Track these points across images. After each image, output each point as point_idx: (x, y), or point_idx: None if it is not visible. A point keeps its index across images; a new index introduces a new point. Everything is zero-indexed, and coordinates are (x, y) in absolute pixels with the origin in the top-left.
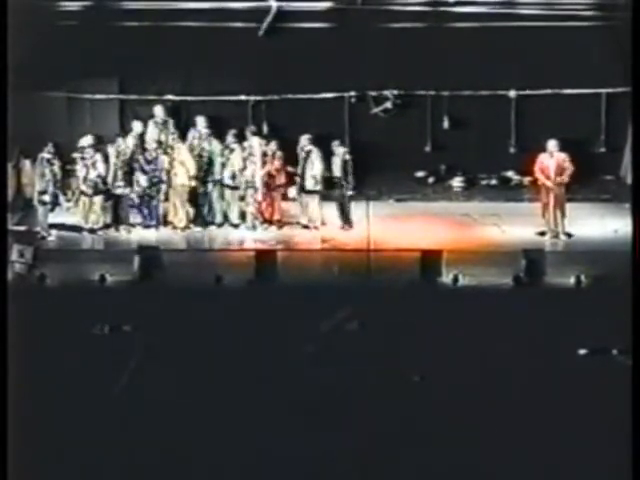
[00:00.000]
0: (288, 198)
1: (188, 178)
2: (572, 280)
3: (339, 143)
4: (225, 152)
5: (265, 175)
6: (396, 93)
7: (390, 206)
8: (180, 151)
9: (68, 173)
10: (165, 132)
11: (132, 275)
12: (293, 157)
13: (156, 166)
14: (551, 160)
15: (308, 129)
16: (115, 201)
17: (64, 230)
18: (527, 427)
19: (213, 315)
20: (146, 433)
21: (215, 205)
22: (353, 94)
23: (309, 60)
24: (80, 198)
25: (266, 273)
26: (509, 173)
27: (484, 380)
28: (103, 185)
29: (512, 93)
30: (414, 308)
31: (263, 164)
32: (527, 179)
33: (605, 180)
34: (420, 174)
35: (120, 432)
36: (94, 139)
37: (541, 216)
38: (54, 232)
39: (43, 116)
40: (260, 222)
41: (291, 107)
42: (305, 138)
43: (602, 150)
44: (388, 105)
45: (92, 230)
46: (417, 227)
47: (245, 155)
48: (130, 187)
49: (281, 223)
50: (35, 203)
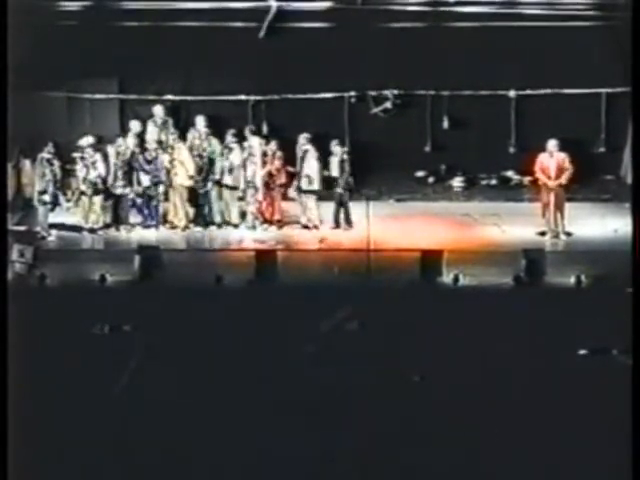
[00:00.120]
0: (288, 198)
1: (188, 178)
2: (572, 280)
3: (337, 142)
4: (225, 152)
5: (265, 175)
6: (396, 93)
7: (390, 206)
8: (180, 151)
9: (68, 173)
10: (165, 132)
11: (132, 275)
12: (293, 157)
13: (156, 166)
14: (551, 160)
15: (308, 129)
16: (115, 201)
17: (64, 230)
18: (527, 427)
19: (213, 315)
20: (146, 433)
21: (214, 205)
22: (353, 94)
23: (309, 60)
24: (80, 198)
25: (266, 273)
26: (509, 173)
27: (484, 380)
28: (103, 185)
29: (512, 93)
30: (414, 308)
31: (263, 164)
32: (527, 179)
33: (605, 180)
34: (420, 174)
35: (120, 432)
36: (94, 139)
37: (541, 216)
38: (54, 232)
39: (43, 116)
40: (260, 222)
41: (291, 107)
42: (303, 137)
43: (602, 150)
44: (388, 105)
45: (92, 230)
46: (417, 227)
47: (245, 155)
48: (130, 187)
49: (281, 223)
50: (35, 203)
